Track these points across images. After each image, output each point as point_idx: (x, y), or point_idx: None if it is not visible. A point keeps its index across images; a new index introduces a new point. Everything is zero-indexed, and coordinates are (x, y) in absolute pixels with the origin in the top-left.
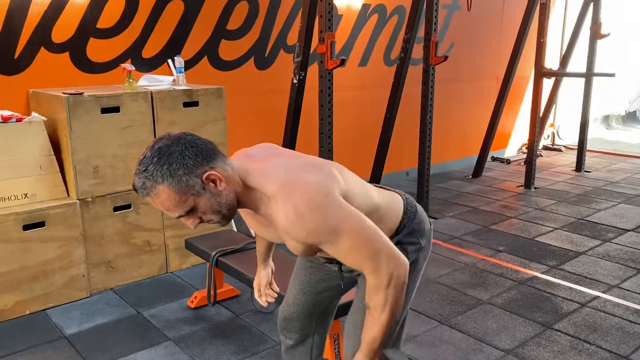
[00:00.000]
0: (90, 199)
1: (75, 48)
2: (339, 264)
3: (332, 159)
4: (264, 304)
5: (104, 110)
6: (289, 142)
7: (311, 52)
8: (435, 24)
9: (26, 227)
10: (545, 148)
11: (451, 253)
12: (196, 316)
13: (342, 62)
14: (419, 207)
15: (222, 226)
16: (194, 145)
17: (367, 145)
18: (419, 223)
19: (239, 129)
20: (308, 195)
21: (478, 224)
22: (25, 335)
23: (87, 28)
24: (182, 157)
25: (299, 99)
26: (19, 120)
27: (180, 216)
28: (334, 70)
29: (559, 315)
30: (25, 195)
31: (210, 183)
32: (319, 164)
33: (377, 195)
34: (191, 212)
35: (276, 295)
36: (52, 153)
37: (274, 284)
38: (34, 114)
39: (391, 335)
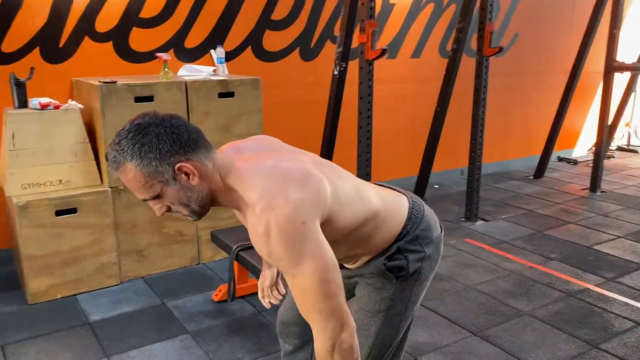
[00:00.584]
0: (122, 187)
1: (119, 37)
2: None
3: (370, 155)
4: (267, 306)
5: (138, 99)
6: (329, 136)
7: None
8: (490, 12)
9: (59, 213)
10: (620, 149)
11: (496, 259)
12: (218, 310)
13: (383, 53)
14: (428, 211)
15: (193, 220)
16: (175, 131)
17: (419, 140)
18: (425, 229)
19: (278, 121)
20: (282, 218)
21: (531, 229)
22: (52, 319)
23: (131, 18)
24: (158, 141)
25: (339, 92)
26: (56, 107)
27: (145, 200)
28: (382, 62)
29: (608, 334)
30: (60, 181)
31: (183, 175)
32: (307, 173)
33: (377, 199)
34: (158, 198)
35: (281, 297)
36: (87, 141)
37: (280, 284)
38: (70, 101)
39: None
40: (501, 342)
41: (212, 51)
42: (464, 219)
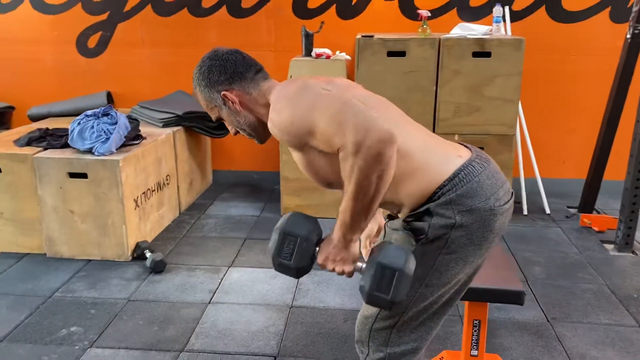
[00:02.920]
0: None
1: None
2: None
3: None
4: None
5: (390, 54)
6: (610, 111)
7: None
8: None
9: None
10: None
11: None
12: None
13: None
14: (487, 178)
15: (259, 144)
16: (223, 64)
17: None
18: (464, 195)
19: (543, 90)
20: (288, 97)
21: None
22: None
23: None
24: (209, 72)
25: (631, 60)
26: (327, 57)
27: (217, 120)
28: None
29: None
30: None
31: (229, 101)
32: (335, 96)
33: (416, 143)
34: (223, 120)
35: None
36: None
37: (375, 240)
38: (338, 52)
39: (362, 211)
40: None
41: (494, 9)
42: None
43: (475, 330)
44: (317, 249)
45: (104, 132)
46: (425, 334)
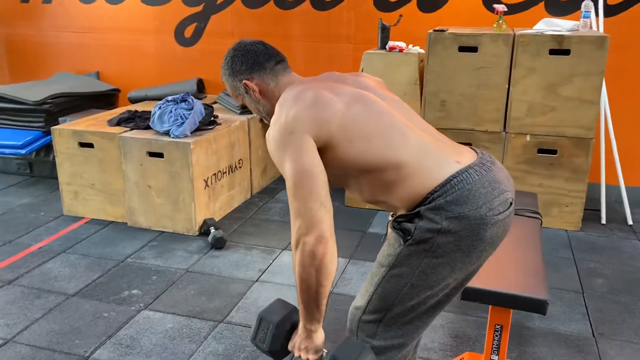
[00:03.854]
0: None
1: None
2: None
3: None
4: None
5: (461, 49)
6: None
7: None
8: None
9: None
10: None
11: None
12: None
13: None
14: (481, 186)
15: None
16: (246, 54)
17: None
18: (452, 202)
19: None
20: (277, 127)
21: None
22: (347, 220)
23: None
24: (232, 62)
25: None
26: (400, 50)
27: (242, 107)
28: None
29: None
30: None
31: (250, 90)
32: (317, 100)
33: (409, 152)
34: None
35: None
36: (418, 83)
37: None
38: (411, 46)
39: (311, 302)
40: None
41: (583, 3)
42: None
43: (496, 335)
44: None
45: (180, 116)
46: (412, 332)
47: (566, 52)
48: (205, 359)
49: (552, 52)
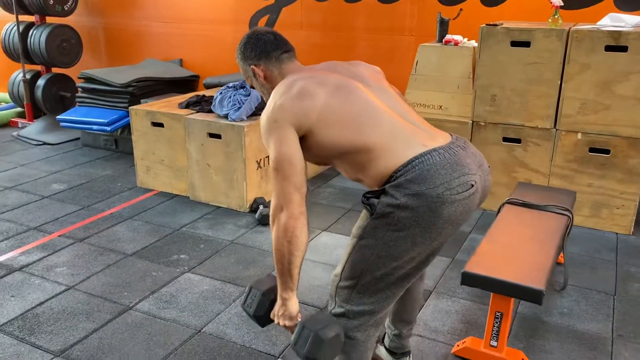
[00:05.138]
0: (482, 123)
1: None
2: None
3: None
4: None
5: (514, 44)
6: None
7: None
8: None
9: None
10: None
11: None
12: None
13: None
14: (444, 165)
15: None
16: (256, 42)
17: None
18: (412, 180)
19: None
20: (266, 113)
21: None
22: None
23: None
24: (244, 48)
25: None
26: (455, 44)
27: (252, 87)
28: None
29: None
30: (440, 107)
31: (257, 74)
32: (304, 92)
33: (379, 136)
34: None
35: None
36: (471, 77)
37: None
38: (465, 40)
39: (285, 271)
40: None
41: None
42: None
43: (496, 322)
44: None
45: (238, 102)
46: (382, 300)
47: (623, 49)
48: (229, 319)
49: (608, 48)
